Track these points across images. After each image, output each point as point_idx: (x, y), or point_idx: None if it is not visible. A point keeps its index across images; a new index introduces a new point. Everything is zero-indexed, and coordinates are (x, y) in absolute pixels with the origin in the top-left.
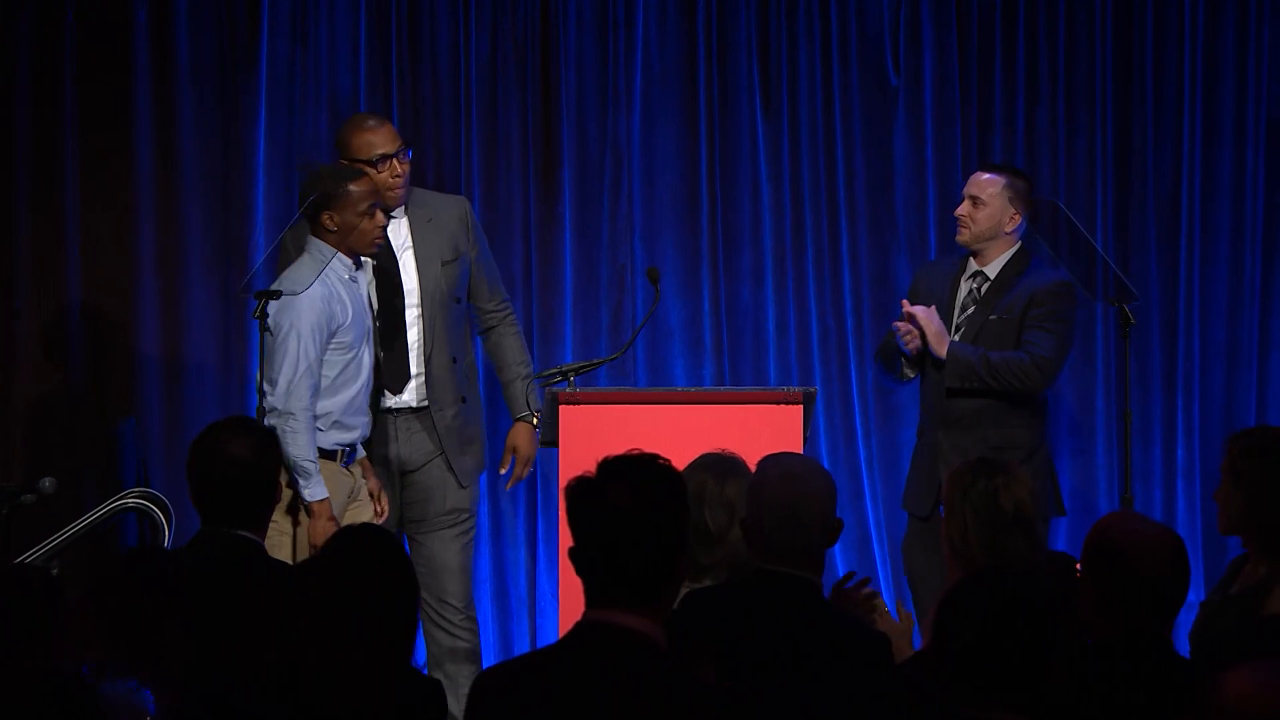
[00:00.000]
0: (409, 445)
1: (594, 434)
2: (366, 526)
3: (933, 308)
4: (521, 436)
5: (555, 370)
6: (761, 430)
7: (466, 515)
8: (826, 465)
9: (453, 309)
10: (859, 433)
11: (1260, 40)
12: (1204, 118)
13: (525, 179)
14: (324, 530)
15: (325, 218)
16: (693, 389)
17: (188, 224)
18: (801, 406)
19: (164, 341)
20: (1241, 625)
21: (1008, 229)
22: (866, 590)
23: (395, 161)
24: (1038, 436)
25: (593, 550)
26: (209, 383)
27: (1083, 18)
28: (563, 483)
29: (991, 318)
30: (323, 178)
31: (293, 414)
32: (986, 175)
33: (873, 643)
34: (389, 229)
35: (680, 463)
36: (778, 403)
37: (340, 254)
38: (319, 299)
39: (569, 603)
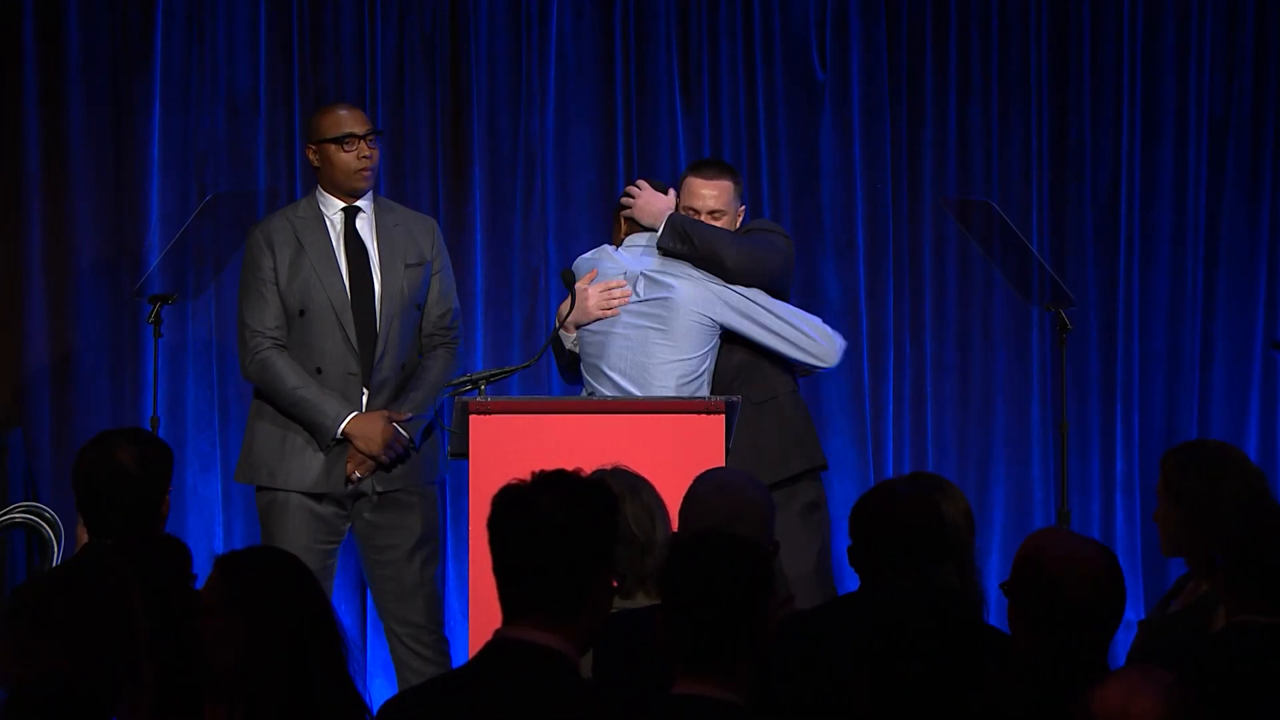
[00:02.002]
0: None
1: (506, 445)
2: (263, 549)
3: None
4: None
5: (465, 378)
6: (683, 440)
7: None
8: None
9: (412, 315)
10: None
11: (1202, 32)
12: (1144, 114)
13: (433, 178)
14: None
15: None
16: (610, 398)
17: (78, 225)
18: (724, 415)
19: (52, 348)
20: (1188, 642)
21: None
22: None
23: (363, 143)
24: (791, 383)
25: (514, 562)
26: (100, 392)
27: (1016, 8)
28: (473, 496)
29: None
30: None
31: None
32: (715, 182)
33: None
34: (357, 226)
35: None
36: (699, 412)
37: None
38: None
39: (480, 622)
